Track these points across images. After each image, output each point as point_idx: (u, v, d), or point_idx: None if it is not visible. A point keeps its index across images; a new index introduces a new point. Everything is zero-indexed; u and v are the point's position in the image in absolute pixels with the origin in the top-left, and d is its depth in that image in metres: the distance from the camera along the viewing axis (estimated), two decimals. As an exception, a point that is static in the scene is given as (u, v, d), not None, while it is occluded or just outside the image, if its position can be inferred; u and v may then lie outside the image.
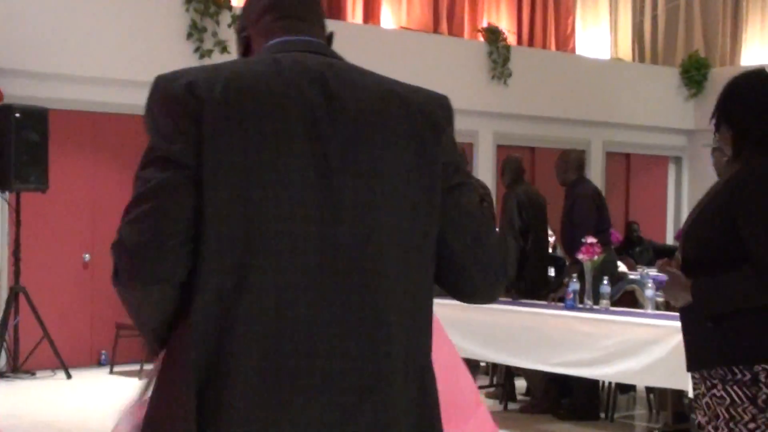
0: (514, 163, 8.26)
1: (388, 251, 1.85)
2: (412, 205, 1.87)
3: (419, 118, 1.91)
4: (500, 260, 2.01)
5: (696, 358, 3.28)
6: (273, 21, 1.99)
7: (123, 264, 1.78)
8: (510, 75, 12.85)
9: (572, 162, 7.94)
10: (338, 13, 12.16)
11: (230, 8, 10.44)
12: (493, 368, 8.26)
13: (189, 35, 10.29)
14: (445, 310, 7.39)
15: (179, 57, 9.92)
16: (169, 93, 1.81)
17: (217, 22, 10.36)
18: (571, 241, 7.62)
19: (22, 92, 9.27)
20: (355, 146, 1.84)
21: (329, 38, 2.05)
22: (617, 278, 7.88)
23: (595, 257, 7.09)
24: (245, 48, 2.05)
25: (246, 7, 2.06)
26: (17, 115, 8.72)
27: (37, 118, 8.86)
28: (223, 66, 1.86)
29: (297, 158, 1.80)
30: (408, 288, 1.88)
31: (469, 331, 7.23)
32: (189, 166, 1.76)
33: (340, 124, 1.84)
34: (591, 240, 7.14)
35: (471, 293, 2.01)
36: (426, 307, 1.94)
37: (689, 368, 3.30)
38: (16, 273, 8.76)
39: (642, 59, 15.13)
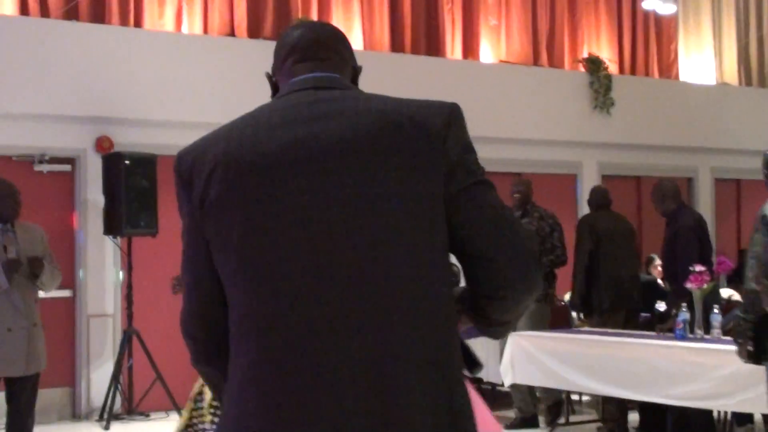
0: (597, 192, 8.59)
1: (394, 271, 1.89)
2: (412, 219, 1.92)
3: (411, 131, 1.95)
4: (531, 250, 1.99)
5: None
6: (293, 64, 2.13)
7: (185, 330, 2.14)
8: (612, 104, 12.71)
9: (668, 191, 7.86)
10: (437, 50, 12.23)
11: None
12: (603, 402, 8.08)
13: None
14: (551, 342, 7.33)
15: (281, 100, 10.10)
16: (179, 177, 2.05)
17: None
18: (674, 272, 7.48)
19: (131, 140, 9.55)
20: (345, 175, 1.91)
21: (356, 72, 2.17)
22: (726, 308, 7.68)
23: (705, 285, 6.93)
24: (274, 90, 2.18)
25: (275, 54, 2.20)
26: (127, 162, 8.95)
27: (145, 165, 9.08)
28: (221, 131, 2.05)
29: (288, 206, 1.92)
30: (420, 304, 1.90)
31: (577, 364, 7.14)
32: (202, 249, 2.01)
33: (329, 158, 1.92)
34: (700, 268, 6.98)
35: (504, 286, 1.97)
36: (445, 318, 1.94)
37: None
38: (129, 316, 8.97)
39: (749, 83, 14.80)
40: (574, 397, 8.73)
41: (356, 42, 11.52)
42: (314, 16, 11.19)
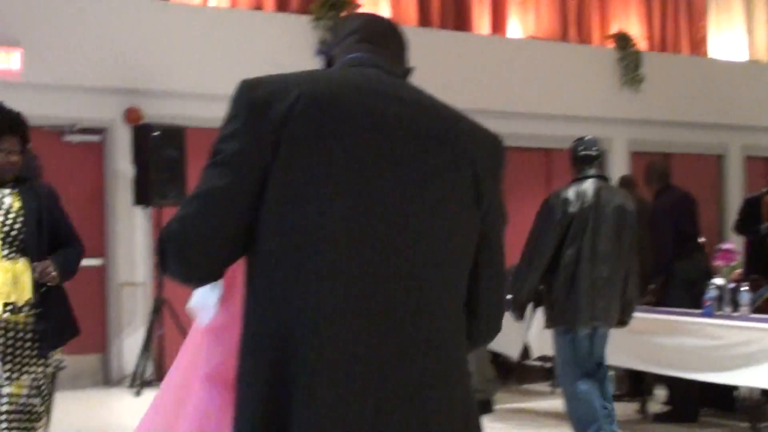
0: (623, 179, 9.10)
1: (434, 258, 2.00)
2: (456, 224, 2.04)
3: (477, 150, 2.09)
4: (503, 309, 2.23)
5: None
6: (354, 42, 2.19)
7: (168, 261, 1.99)
8: (642, 81, 12.64)
9: (653, 173, 8.25)
10: (465, 25, 12.18)
11: (359, 23, 10.59)
12: (632, 376, 8.08)
13: (318, 52, 10.47)
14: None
15: (310, 73, 10.12)
16: (251, 100, 1.98)
17: (346, 38, 10.49)
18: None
19: (160, 111, 9.59)
20: (413, 161, 1.99)
21: (406, 72, 2.22)
22: (752, 285, 7.75)
23: (733, 263, 6.92)
24: (327, 64, 2.22)
25: (335, 30, 2.29)
26: (156, 133, 8.98)
27: (174, 136, 9.11)
28: (301, 75, 2.02)
29: (362, 166, 1.96)
30: (448, 296, 2.04)
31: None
32: (248, 173, 1.94)
33: (402, 138, 2.00)
34: (728, 246, 6.98)
35: (479, 339, 2.20)
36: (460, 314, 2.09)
37: None
38: (159, 286, 9.03)
39: (780, 60, 14.68)
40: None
41: (384, 16, 11.48)
42: (343, -10, 11.17)
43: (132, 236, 9.66)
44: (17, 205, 4.71)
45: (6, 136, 4.72)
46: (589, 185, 5.87)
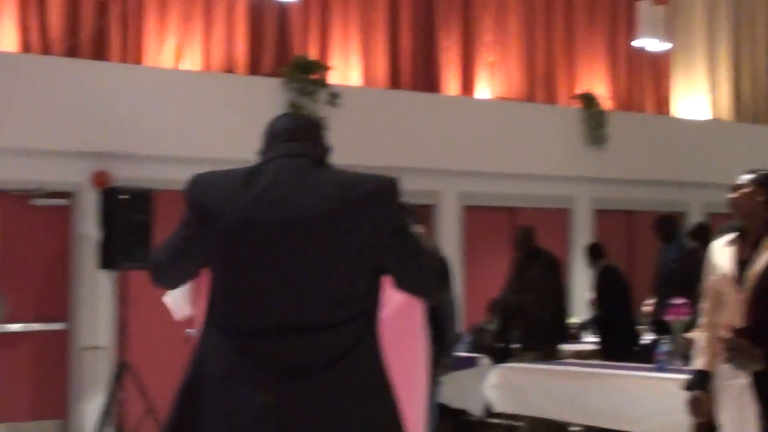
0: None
1: (315, 306, 2.82)
2: (336, 267, 2.81)
3: (355, 200, 2.79)
4: (432, 277, 2.97)
5: None
6: (273, 145, 2.97)
7: (150, 272, 3.14)
8: (606, 140, 12.81)
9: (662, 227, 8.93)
10: (434, 86, 12.37)
11: (326, 86, 10.76)
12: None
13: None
14: (536, 373, 7.39)
15: (276, 135, 10.23)
16: (188, 195, 2.96)
17: (314, 101, 10.66)
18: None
19: (128, 175, 9.63)
20: (289, 231, 2.79)
21: (325, 152, 2.99)
22: None
23: (684, 318, 7.03)
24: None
25: (262, 138, 3.04)
26: (123, 196, 9.02)
27: (141, 199, 9.12)
28: (221, 176, 2.96)
29: (249, 249, 2.86)
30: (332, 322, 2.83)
31: (560, 394, 7.21)
32: (191, 247, 3.02)
33: (281, 217, 2.80)
34: (680, 300, 7.09)
35: (425, 294, 3.02)
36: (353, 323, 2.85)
37: None
38: (122, 350, 9.03)
39: (742, 119, 14.88)
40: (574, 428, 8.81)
41: (355, 78, 11.69)
42: (313, 53, 11.35)
43: (95, 300, 9.65)
44: None
45: None
46: None
